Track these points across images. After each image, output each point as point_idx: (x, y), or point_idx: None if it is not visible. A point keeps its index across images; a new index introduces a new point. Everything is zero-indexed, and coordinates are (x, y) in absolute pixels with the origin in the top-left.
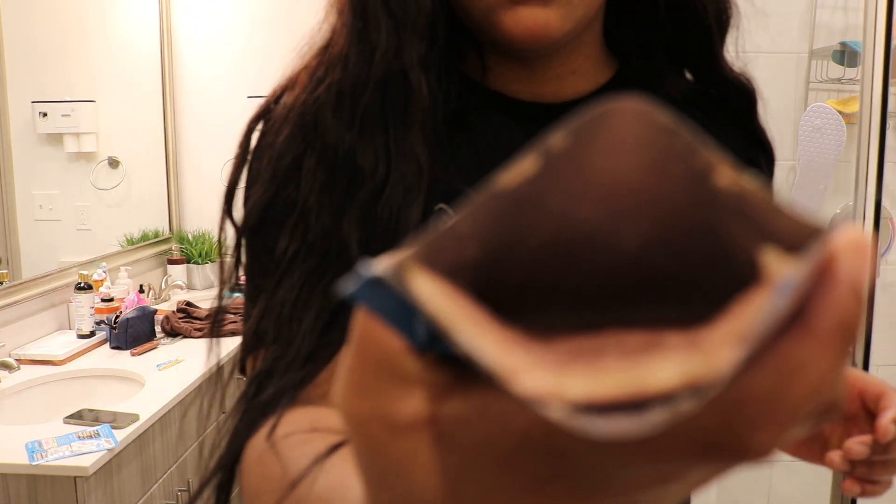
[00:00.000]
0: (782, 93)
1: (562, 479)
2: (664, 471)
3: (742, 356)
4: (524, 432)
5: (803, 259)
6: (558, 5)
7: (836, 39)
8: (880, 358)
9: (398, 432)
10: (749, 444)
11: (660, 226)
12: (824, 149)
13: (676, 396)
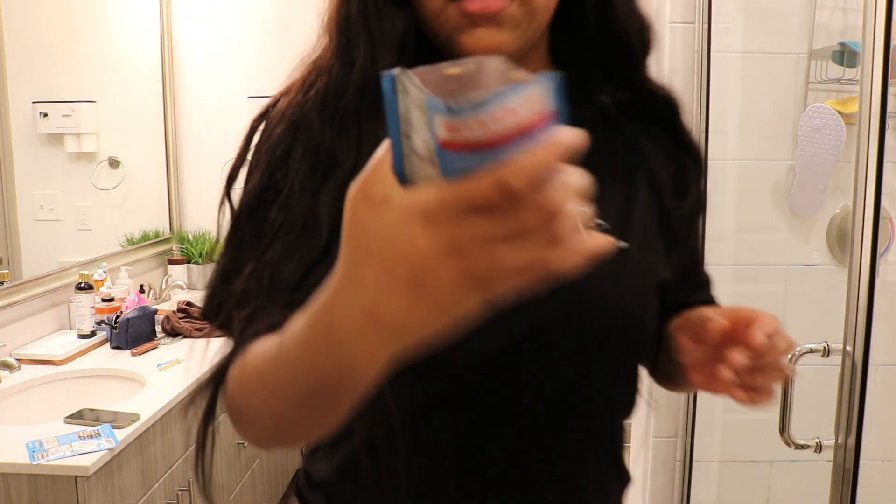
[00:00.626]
0: (782, 93)
1: (458, 257)
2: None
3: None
4: (434, 209)
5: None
6: (510, 28)
7: (836, 40)
8: (880, 358)
9: (370, 203)
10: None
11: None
12: (824, 149)
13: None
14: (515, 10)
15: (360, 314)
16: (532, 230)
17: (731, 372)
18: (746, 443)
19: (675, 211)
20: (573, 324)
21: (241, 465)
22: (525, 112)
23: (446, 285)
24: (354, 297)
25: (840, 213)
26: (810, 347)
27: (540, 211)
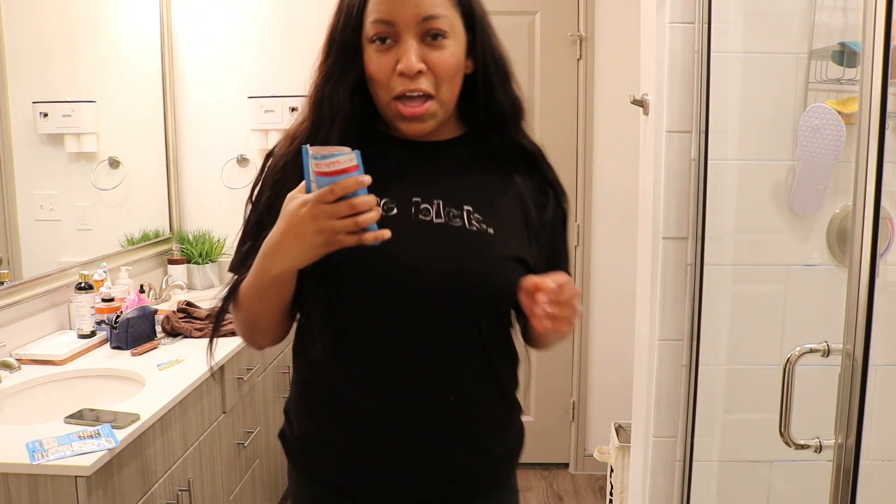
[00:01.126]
0: (781, 93)
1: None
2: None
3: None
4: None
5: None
6: (429, 119)
7: (836, 40)
8: (880, 358)
9: (291, 199)
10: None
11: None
12: (824, 149)
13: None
14: (433, 108)
15: (274, 246)
16: (343, 212)
17: (540, 308)
18: (746, 443)
19: (534, 218)
20: (442, 272)
21: (241, 465)
22: (345, 163)
23: (309, 235)
24: (274, 239)
25: (840, 213)
26: (810, 347)
27: (348, 205)
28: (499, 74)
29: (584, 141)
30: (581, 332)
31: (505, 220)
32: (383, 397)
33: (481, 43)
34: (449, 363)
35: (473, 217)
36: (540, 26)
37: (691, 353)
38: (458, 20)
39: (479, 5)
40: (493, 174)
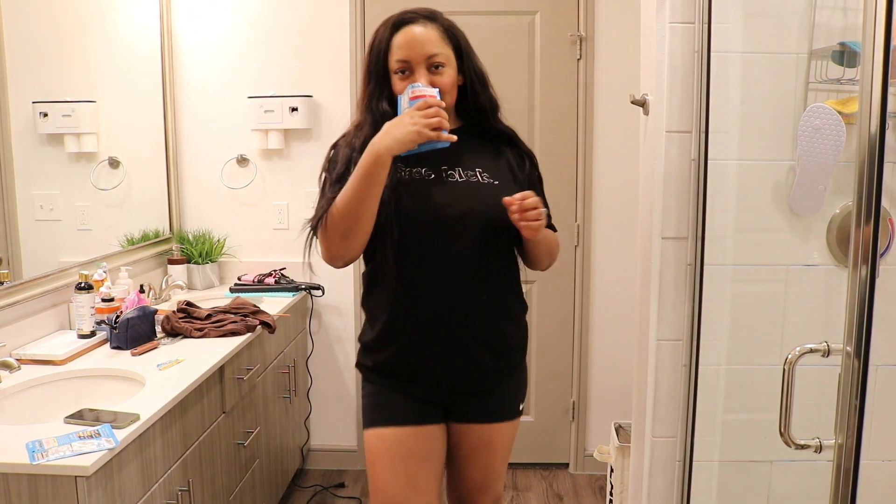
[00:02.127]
0: (782, 93)
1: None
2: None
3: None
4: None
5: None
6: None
7: (836, 40)
8: (880, 358)
9: (398, 117)
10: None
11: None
12: (824, 149)
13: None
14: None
15: (380, 135)
16: (430, 115)
17: (515, 216)
18: (746, 443)
19: (519, 175)
20: (467, 209)
21: (241, 465)
22: (431, 94)
23: (407, 127)
24: (379, 134)
25: (840, 213)
26: (810, 347)
27: (435, 111)
28: (480, 83)
29: (584, 141)
30: (581, 332)
31: (503, 176)
32: (435, 298)
33: (467, 64)
34: (480, 272)
35: (484, 175)
36: (540, 26)
37: (691, 353)
38: (450, 52)
39: (462, 38)
40: (487, 149)
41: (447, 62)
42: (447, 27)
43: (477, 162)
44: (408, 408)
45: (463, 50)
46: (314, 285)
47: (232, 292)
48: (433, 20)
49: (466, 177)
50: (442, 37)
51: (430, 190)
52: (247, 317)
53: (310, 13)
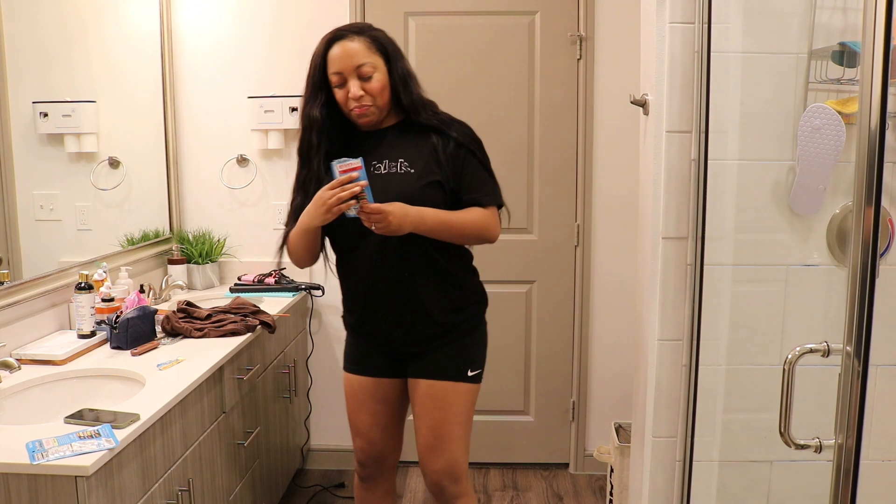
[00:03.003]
0: (781, 93)
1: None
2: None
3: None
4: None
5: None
6: (374, 115)
7: (836, 40)
8: (880, 358)
9: (321, 192)
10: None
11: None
12: (823, 149)
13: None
14: (374, 110)
15: (306, 214)
16: (340, 196)
17: (366, 222)
18: (746, 443)
19: (441, 156)
20: (383, 198)
21: (241, 465)
22: (355, 164)
23: (323, 208)
24: (307, 210)
25: (840, 213)
26: (810, 347)
27: (347, 188)
28: (403, 85)
29: (584, 141)
30: (581, 331)
31: (423, 162)
32: (369, 276)
33: (393, 69)
34: (402, 253)
35: (404, 165)
36: (540, 26)
37: (691, 353)
38: (378, 59)
39: (391, 45)
40: (417, 139)
41: (375, 69)
42: (374, 38)
43: (402, 153)
44: (369, 360)
45: (391, 56)
46: (314, 285)
47: (232, 292)
48: (361, 33)
49: (388, 168)
50: (369, 47)
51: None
52: (247, 317)
53: (310, 13)
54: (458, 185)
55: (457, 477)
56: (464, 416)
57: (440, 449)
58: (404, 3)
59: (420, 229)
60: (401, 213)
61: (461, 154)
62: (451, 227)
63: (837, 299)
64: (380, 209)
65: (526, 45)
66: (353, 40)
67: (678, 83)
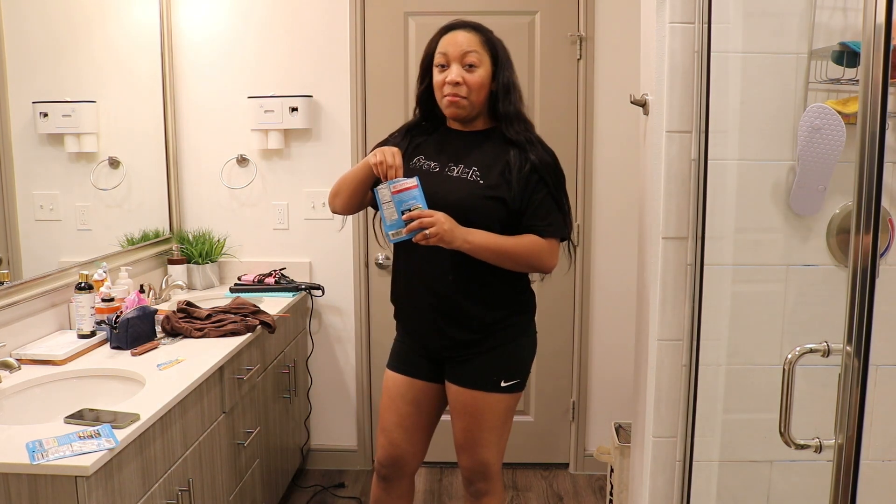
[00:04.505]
0: (781, 93)
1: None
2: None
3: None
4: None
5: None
6: (463, 111)
7: (836, 40)
8: (880, 358)
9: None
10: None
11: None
12: (824, 149)
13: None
14: (465, 103)
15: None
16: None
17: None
18: (746, 443)
19: (512, 175)
20: (447, 201)
21: (241, 465)
22: (410, 184)
23: (374, 160)
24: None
25: (840, 213)
26: (810, 347)
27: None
28: (504, 93)
29: (584, 141)
30: (581, 332)
31: (495, 174)
32: (418, 275)
33: (499, 74)
34: (453, 257)
35: (476, 173)
36: (540, 26)
37: (691, 353)
38: (486, 57)
39: (502, 50)
40: (497, 150)
41: (480, 64)
42: (489, 38)
43: (478, 161)
44: (409, 360)
45: (500, 60)
46: (314, 285)
47: (232, 292)
48: (478, 29)
49: (461, 173)
50: (482, 42)
51: (427, 181)
52: (247, 317)
53: (310, 13)
54: (523, 208)
55: (487, 476)
56: (496, 423)
57: (471, 450)
58: (404, 3)
59: (465, 248)
60: (449, 223)
61: (534, 179)
62: (499, 251)
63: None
64: (431, 213)
65: (526, 45)
66: (468, 31)
67: (678, 83)
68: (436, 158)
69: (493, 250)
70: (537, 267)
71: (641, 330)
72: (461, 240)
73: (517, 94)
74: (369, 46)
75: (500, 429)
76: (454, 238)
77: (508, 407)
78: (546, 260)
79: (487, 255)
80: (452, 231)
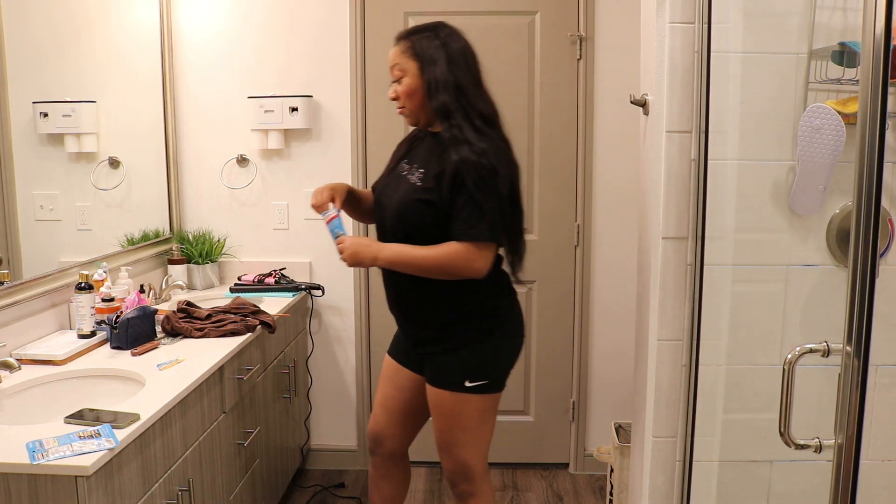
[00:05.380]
0: (781, 93)
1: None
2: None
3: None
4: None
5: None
6: (408, 119)
7: (836, 40)
8: (880, 358)
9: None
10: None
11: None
12: (823, 149)
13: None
14: (406, 112)
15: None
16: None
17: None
18: (746, 443)
19: (445, 178)
20: (389, 202)
21: (241, 465)
22: (332, 215)
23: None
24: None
25: (840, 213)
26: (810, 347)
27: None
28: (432, 92)
29: (584, 141)
30: (581, 332)
31: (431, 176)
32: (385, 275)
33: (426, 74)
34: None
35: (419, 174)
36: (540, 26)
37: (691, 353)
38: (411, 64)
39: (432, 49)
40: (441, 151)
41: (405, 73)
42: (412, 43)
43: (424, 162)
44: (399, 345)
45: (425, 61)
46: (314, 285)
47: (232, 292)
48: (403, 39)
49: (408, 173)
50: (404, 52)
51: (386, 181)
52: (247, 317)
53: (310, 13)
54: (451, 211)
55: (468, 477)
56: (469, 424)
57: (448, 450)
58: (404, 3)
59: (378, 265)
60: (359, 246)
61: (458, 181)
62: (410, 264)
63: (837, 299)
64: (343, 240)
65: (526, 45)
66: (395, 45)
67: (678, 83)
68: (409, 162)
69: (404, 263)
70: (457, 273)
71: (641, 330)
72: (370, 260)
73: (447, 89)
74: (369, 46)
75: (476, 430)
76: (362, 260)
77: (480, 408)
78: (463, 265)
79: (402, 268)
80: (358, 254)
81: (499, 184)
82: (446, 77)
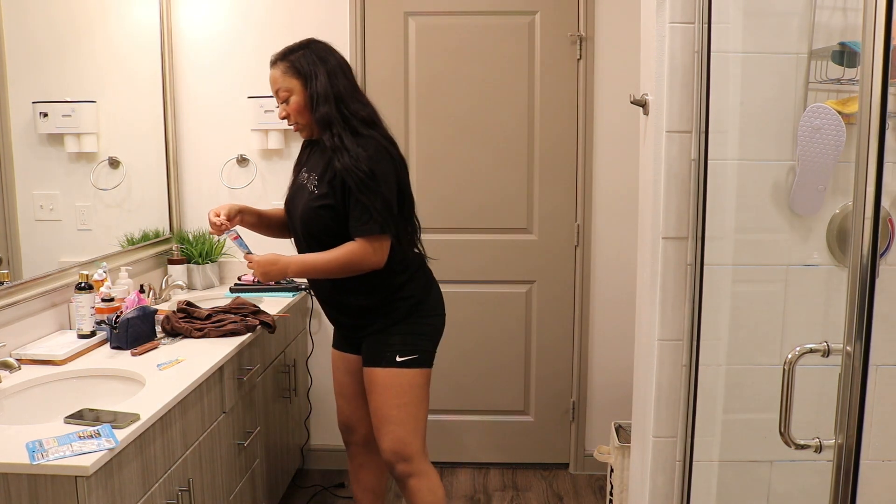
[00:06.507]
0: (781, 93)
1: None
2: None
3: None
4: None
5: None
6: (301, 132)
7: (836, 40)
8: (880, 358)
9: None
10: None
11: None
12: (824, 149)
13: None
14: (300, 127)
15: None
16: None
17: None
18: (746, 443)
19: (334, 181)
20: (294, 208)
21: (241, 465)
22: (232, 236)
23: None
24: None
25: (840, 213)
26: (810, 347)
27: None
28: (314, 104)
29: (584, 141)
30: (581, 332)
31: (325, 183)
32: (309, 281)
33: (310, 89)
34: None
35: (313, 182)
36: (540, 26)
37: (691, 353)
38: (294, 82)
39: (311, 65)
40: (328, 159)
41: (291, 93)
42: (291, 63)
43: (316, 168)
44: (337, 335)
45: (307, 77)
46: None
47: (232, 292)
48: (282, 59)
49: (305, 180)
50: (285, 72)
51: (292, 192)
52: (247, 317)
53: (310, 13)
54: (343, 207)
55: (406, 456)
56: (402, 400)
57: (382, 430)
58: (404, 3)
59: (290, 276)
60: (266, 265)
61: (346, 185)
62: (316, 269)
63: (837, 299)
64: (251, 259)
65: (526, 45)
66: (275, 68)
67: (678, 83)
68: (308, 170)
69: (312, 270)
70: (359, 268)
71: (641, 330)
72: (280, 275)
73: (327, 100)
74: (369, 46)
75: (410, 406)
76: (272, 276)
77: (412, 383)
78: (362, 260)
79: (312, 275)
80: (268, 273)
81: (379, 183)
82: (327, 90)
